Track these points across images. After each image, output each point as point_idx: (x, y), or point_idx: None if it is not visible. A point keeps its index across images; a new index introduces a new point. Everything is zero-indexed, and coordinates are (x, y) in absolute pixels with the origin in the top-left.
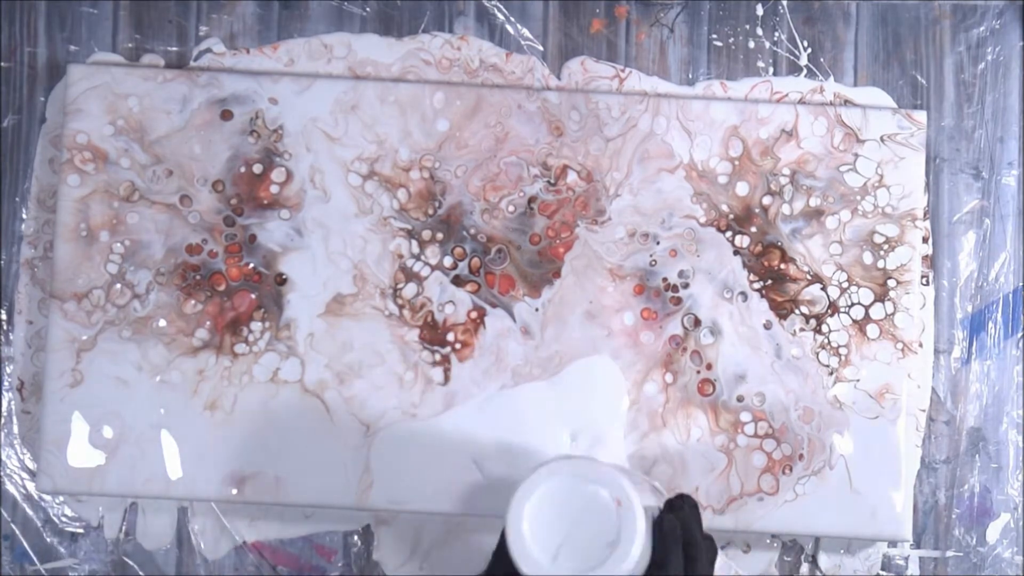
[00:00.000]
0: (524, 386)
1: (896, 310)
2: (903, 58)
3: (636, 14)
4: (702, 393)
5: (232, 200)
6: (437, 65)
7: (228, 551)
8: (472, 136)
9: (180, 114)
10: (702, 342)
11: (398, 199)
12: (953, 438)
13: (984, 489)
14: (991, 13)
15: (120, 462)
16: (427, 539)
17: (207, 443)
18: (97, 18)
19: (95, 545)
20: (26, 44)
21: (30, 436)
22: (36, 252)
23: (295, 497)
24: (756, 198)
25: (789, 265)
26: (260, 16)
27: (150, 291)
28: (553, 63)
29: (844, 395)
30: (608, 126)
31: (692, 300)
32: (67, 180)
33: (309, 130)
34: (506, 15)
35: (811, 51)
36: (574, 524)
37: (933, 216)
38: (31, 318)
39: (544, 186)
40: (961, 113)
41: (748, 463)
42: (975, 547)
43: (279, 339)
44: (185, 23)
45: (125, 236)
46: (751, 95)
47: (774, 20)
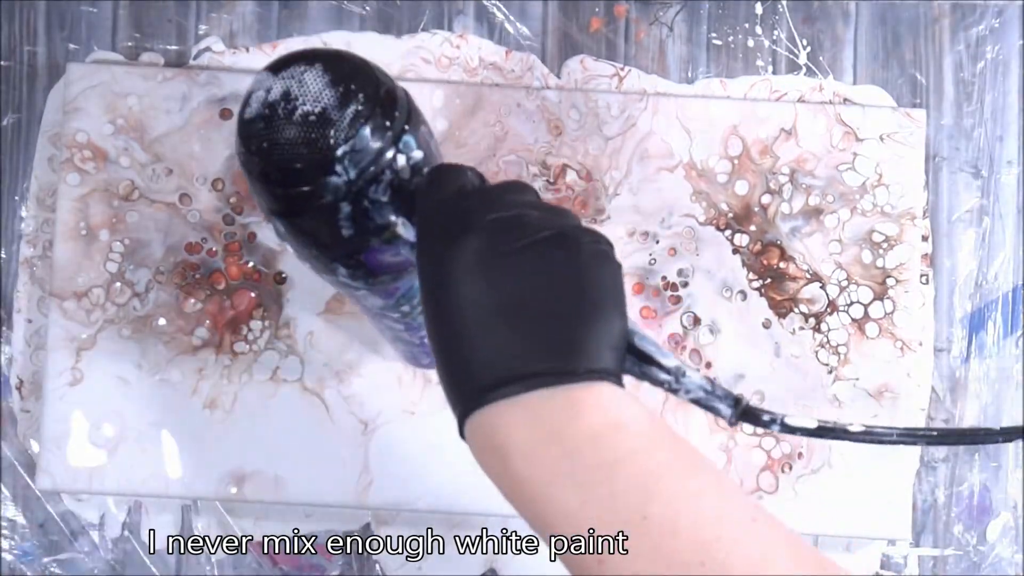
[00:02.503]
0: None
1: (895, 309)
2: (902, 57)
3: (635, 13)
4: None
5: (232, 199)
6: (436, 64)
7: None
8: (471, 135)
9: (180, 113)
10: (701, 340)
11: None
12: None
13: (984, 488)
14: (991, 12)
15: (120, 460)
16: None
17: (207, 442)
18: (97, 17)
19: (96, 544)
20: (25, 43)
21: (30, 435)
22: (35, 251)
23: (294, 496)
24: (755, 197)
25: (788, 264)
26: (260, 15)
27: (150, 290)
28: (552, 62)
29: (843, 393)
30: (607, 125)
31: (691, 299)
32: (67, 179)
33: None
34: (505, 14)
35: (810, 50)
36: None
37: (932, 215)
38: (30, 317)
39: (543, 185)
40: (960, 112)
41: (747, 462)
42: (975, 546)
43: (279, 338)
44: (184, 22)
45: (125, 235)
46: (750, 94)
47: (773, 19)
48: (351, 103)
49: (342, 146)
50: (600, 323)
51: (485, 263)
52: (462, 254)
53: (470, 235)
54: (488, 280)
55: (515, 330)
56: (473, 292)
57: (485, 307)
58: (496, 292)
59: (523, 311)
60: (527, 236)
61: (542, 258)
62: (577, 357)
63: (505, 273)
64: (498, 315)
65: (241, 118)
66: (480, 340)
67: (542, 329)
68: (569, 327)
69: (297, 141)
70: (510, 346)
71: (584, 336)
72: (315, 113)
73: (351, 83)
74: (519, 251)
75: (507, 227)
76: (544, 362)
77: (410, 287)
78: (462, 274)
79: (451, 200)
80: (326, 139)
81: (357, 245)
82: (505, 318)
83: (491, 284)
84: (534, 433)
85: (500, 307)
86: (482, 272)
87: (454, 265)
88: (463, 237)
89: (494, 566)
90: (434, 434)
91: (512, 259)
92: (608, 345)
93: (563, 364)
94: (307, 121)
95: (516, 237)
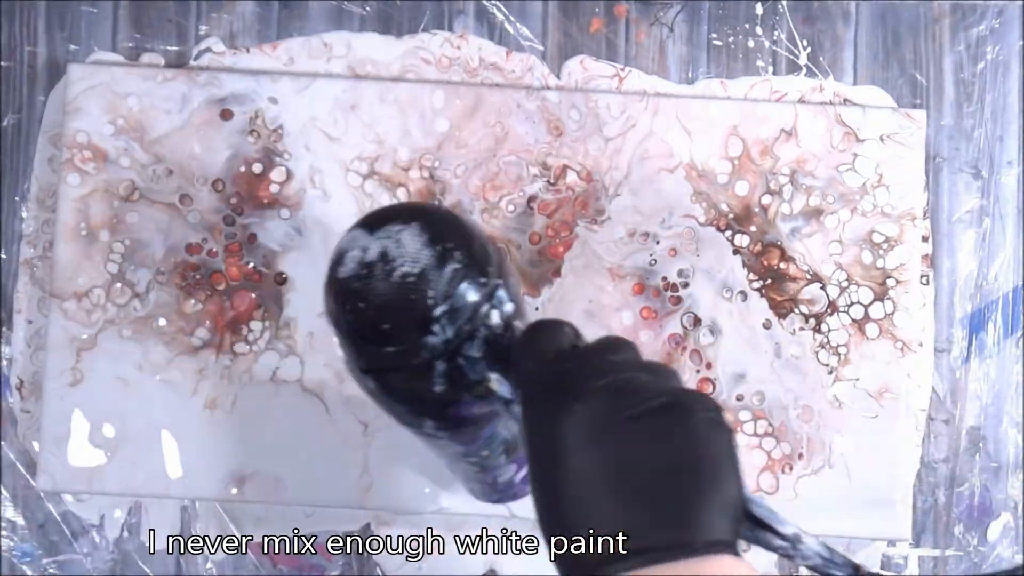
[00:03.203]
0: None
1: (895, 309)
2: (902, 57)
3: (636, 13)
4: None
5: (232, 199)
6: (437, 64)
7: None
8: (472, 135)
9: (180, 113)
10: (702, 341)
11: (398, 198)
12: (952, 437)
13: (984, 488)
14: (991, 12)
15: (120, 461)
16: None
17: (207, 442)
18: (97, 17)
19: (96, 544)
20: (26, 43)
21: (30, 435)
22: (36, 251)
23: (295, 496)
24: (755, 197)
25: (789, 264)
26: (260, 15)
27: (150, 290)
28: (552, 62)
29: (843, 394)
30: (608, 125)
31: (692, 299)
32: (67, 179)
33: (309, 129)
34: (505, 14)
35: (810, 50)
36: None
37: (932, 215)
38: (31, 317)
39: (544, 185)
40: (960, 112)
41: (748, 462)
42: (975, 546)
43: (279, 338)
44: (185, 22)
45: (125, 235)
46: (751, 94)
47: (774, 19)
48: (449, 262)
49: (440, 305)
50: (717, 493)
51: (596, 433)
52: (571, 424)
53: (578, 404)
54: (600, 450)
55: (630, 502)
56: (585, 462)
57: (598, 478)
58: (609, 462)
59: (637, 482)
60: (638, 404)
61: (655, 427)
62: (695, 530)
63: (617, 443)
64: (612, 486)
65: (334, 276)
66: (594, 511)
67: (658, 501)
68: (686, 499)
69: (396, 302)
70: (626, 518)
71: (701, 508)
72: (414, 274)
73: (448, 241)
74: (631, 420)
75: (616, 394)
76: (662, 536)
77: (491, 433)
78: (572, 444)
79: (551, 363)
80: (425, 299)
81: (449, 400)
82: (619, 489)
83: (603, 453)
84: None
85: (613, 477)
86: (593, 442)
87: (564, 435)
88: (570, 406)
89: (494, 566)
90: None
91: (624, 428)
92: (726, 516)
93: (681, 537)
94: (406, 282)
95: (626, 406)
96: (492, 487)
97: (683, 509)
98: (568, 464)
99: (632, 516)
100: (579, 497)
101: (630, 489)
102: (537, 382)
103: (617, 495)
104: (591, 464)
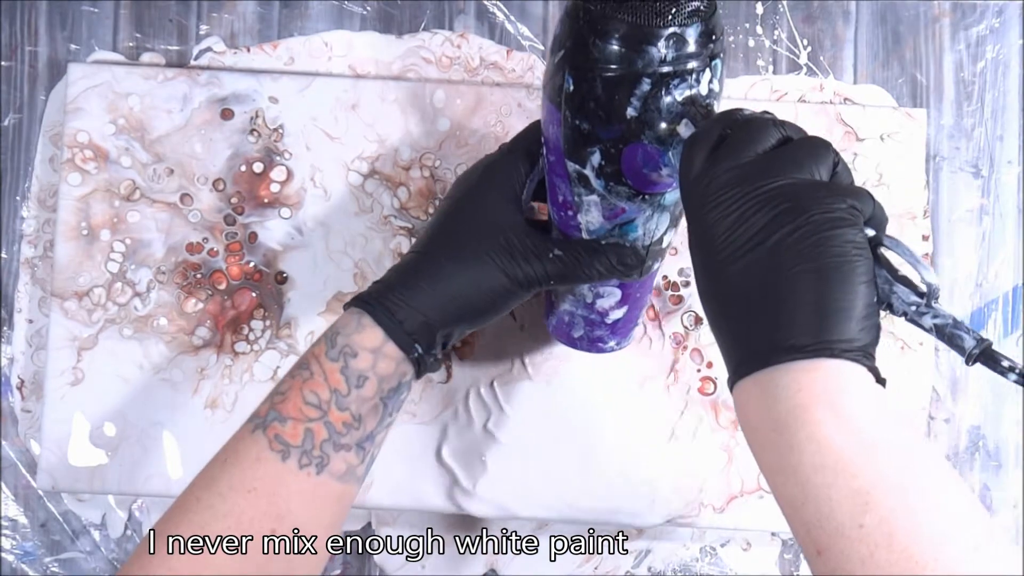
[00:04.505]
0: (525, 384)
1: None
2: (903, 56)
3: None
4: (702, 392)
5: (233, 199)
6: (437, 63)
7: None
8: (472, 135)
9: (181, 113)
10: (702, 340)
11: (398, 198)
12: (953, 436)
13: (984, 487)
14: (991, 12)
15: (121, 460)
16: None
17: (208, 442)
18: (98, 17)
19: (97, 544)
20: (27, 43)
21: (31, 435)
22: (37, 251)
23: None
24: None
25: None
26: (260, 14)
27: (151, 289)
28: None
29: None
30: None
31: (693, 298)
32: (68, 179)
33: (309, 129)
34: (506, 14)
35: (811, 49)
36: None
37: (933, 214)
38: (31, 317)
39: None
40: (961, 111)
41: (749, 461)
42: None
43: (280, 337)
44: (185, 22)
45: (126, 235)
46: (751, 94)
47: (774, 18)
48: (692, 1)
49: (673, 26)
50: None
51: (753, 244)
52: (728, 224)
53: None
54: (756, 257)
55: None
56: (740, 268)
57: (755, 285)
58: (764, 274)
59: (786, 292)
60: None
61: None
62: (825, 332)
63: (771, 255)
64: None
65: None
66: (752, 307)
67: (804, 307)
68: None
69: (641, 2)
70: (767, 321)
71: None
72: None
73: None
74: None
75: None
76: (790, 338)
77: (631, 220)
78: (729, 247)
79: (742, 164)
80: (667, 12)
81: (632, 132)
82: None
83: (759, 264)
84: (766, 418)
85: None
86: (750, 251)
87: (719, 236)
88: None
89: (494, 566)
90: (435, 435)
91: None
92: (856, 317)
93: (807, 341)
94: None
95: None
96: (589, 317)
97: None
98: (729, 269)
99: (773, 320)
100: (740, 296)
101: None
102: (723, 176)
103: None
104: (749, 271)
